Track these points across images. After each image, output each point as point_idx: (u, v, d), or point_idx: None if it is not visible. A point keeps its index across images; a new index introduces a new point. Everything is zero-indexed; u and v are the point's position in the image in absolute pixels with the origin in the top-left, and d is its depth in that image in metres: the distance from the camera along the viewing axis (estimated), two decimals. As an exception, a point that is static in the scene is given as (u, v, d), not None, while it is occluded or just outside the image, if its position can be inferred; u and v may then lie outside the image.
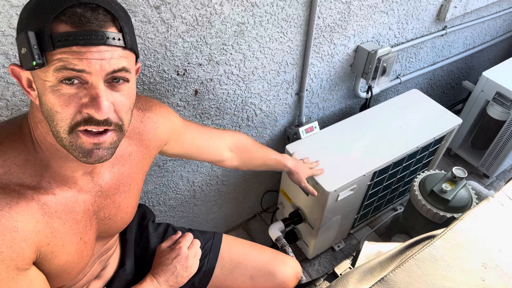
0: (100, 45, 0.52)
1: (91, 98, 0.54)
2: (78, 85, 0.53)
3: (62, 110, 0.53)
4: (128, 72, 0.57)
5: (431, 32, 1.77)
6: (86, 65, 0.52)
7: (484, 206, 0.86)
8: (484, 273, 0.73)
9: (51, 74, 0.52)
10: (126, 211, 0.78)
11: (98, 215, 0.72)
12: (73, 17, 0.50)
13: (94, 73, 0.52)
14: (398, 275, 0.71)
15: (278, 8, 1.14)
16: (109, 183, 0.72)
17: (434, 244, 0.77)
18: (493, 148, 1.91)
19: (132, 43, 0.58)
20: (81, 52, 0.51)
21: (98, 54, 0.52)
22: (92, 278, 0.84)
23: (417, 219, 1.50)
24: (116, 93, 0.57)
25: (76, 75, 0.52)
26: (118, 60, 0.55)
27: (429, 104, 1.66)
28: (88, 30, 0.51)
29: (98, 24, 0.52)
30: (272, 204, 1.93)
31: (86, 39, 0.51)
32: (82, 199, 0.67)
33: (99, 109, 0.53)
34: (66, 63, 0.51)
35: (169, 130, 0.85)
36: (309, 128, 1.47)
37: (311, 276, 1.67)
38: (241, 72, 1.22)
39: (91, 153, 0.57)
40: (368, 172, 1.37)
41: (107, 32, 0.53)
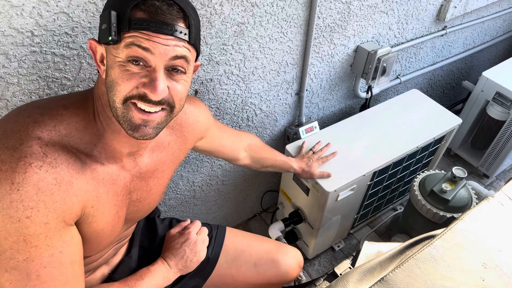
0: (168, 35, 0.59)
1: (150, 79, 0.60)
2: (142, 66, 0.60)
3: (123, 83, 0.60)
4: (187, 62, 0.63)
5: (431, 32, 1.77)
6: (151, 45, 0.58)
7: (484, 206, 0.86)
8: (484, 273, 0.73)
9: (121, 51, 0.59)
10: (154, 197, 0.83)
11: (131, 195, 0.77)
12: (151, 8, 0.58)
13: (157, 55, 0.58)
14: (398, 275, 0.71)
15: (278, 8, 1.14)
16: (147, 166, 0.77)
17: (434, 244, 0.77)
18: (493, 148, 1.91)
19: (196, 41, 0.64)
20: (150, 35, 0.58)
21: (164, 41, 0.59)
22: (104, 262, 0.87)
23: (417, 219, 1.50)
24: (173, 81, 0.63)
25: (141, 54, 0.58)
26: (181, 48, 0.61)
27: (429, 104, 1.66)
28: (161, 20, 0.58)
29: (170, 17, 0.59)
30: (272, 204, 1.93)
31: (157, 27, 0.58)
32: (123, 175, 0.73)
33: (155, 90, 0.59)
34: (135, 40, 0.58)
35: (206, 127, 0.92)
36: (309, 128, 1.47)
37: (311, 276, 1.67)
38: (241, 72, 1.22)
39: (138, 128, 0.63)
40: (368, 172, 1.37)
41: (176, 25, 0.59)
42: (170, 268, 0.88)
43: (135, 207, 0.79)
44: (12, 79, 0.83)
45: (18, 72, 0.83)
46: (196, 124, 0.87)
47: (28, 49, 0.81)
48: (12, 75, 0.83)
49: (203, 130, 0.91)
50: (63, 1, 0.79)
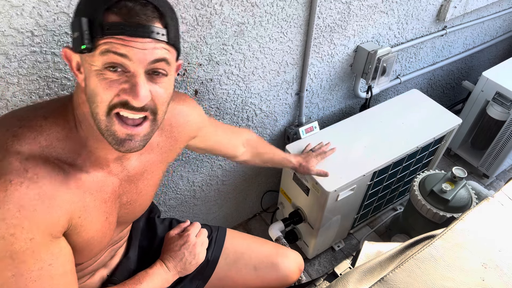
0: (145, 37, 0.56)
1: (131, 85, 0.57)
2: (121, 72, 0.57)
3: (103, 92, 0.57)
4: (168, 64, 0.60)
5: (431, 32, 1.77)
6: (129, 51, 0.55)
7: (484, 206, 0.86)
8: (484, 273, 0.73)
9: (97, 58, 0.56)
10: (145, 198, 0.81)
11: (121, 199, 0.75)
12: (123, 10, 0.55)
13: (135, 61, 0.56)
14: (398, 275, 0.71)
15: (278, 8, 1.15)
16: (135, 169, 0.75)
17: (434, 244, 0.77)
18: (493, 148, 1.91)
19: (175, 40, 0.61)
20: (126, 40, 0.55)
21: (141, 44, 0.56)
22: (101, 266, 0.86)
23: (417, 219, 1.50)
24: (154, 84, 0.60)
25: (119, 60, 0.55)
26: (160, 51, 0.58)
27: (429, 104, 1.66)
28: (136, 23, 0.55)
29: (146, 18, 0.56)
30: (272, 204, 1.93)
31: (133, 30, 0.55)
32: (111, 181, 0.71)
33: (137, 96, 0.57)
34: (110, 47, 0.55)
35: (199, 125, 0.90)
36: (309, 128, 1.47)
37: (311, 276, 1.68)
38: (241, 72, 1.22)
39: (123, 143, 0.61)
40: (368, 172, 1.37)
41: (152, 26, 0.56)
42: (168, 271, 0.88)
43: (126, 210, 0.78)
44: (12, 79, 0.83)
45: (18, 72, 0.83)
46: (186, 124, 0.85)
47: (28, 49, 0.81)
48: (12, 75, 0.83)
49: (195, 129, 0.89)
50: (63, 1, 0.79)
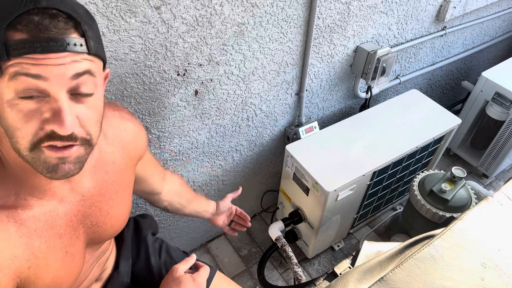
0: (60, 51, 0.47)
1: (53, 112, 0.49)
2: (39, 99, 0.48)
3: (22, 127, 0.49)
4: (92, 76, 0.52)
5: (430, 32, 1.77)
6: (42, 70, 0.47)
7: (483, 206, 0.86)
8: (483, 272, 0.73)
9: (7, 85, 0.47)
10: (116, 219, 0.75)
11: (85, 223, 0.68)
12: (29, 25, 0.46)
13: (52, 79, 0.47)
14: (398, 275, 0.71)
15: (278, 9, 1.15)
16: (91, 191, 0.68)
17: (434, 243, 0.77)
18: (492, 148, 1.91)
19: (97, 49, 0.53)
20: (38, 59, 0.46)
21: (56, 60, 0.47)
22: (92, 281, 0.83)
23: (417, 218, 1.50)
24: (81, 105, 0.52)
25: (33, 85, 0.47)
26: (80, 63, 0.50)
27: (428, 104, 1.66)
28: (46, 37, 0.46)
29: (57, 31, 0.47)
30: (272, 204, 1.93)
31: (44, 46, 0.46)
32: (63, 210, 0.63)
33: (63, 125, 0.49)
34: (19, 68, 0.46)
35: (145, 145, 0.84)
36: (309, 128, 1.48)
37: (311, 275, 1.68)
38: (241, 73, 1.23)
39: (56, 168, 0.53)
40: (368, 172, 1.37)
41: (68, 38, 0.48)
42: None
43: (95, 233, 0.71)
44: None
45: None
46: (137, 140, 0.78)
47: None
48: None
49: (143, 148, 0.82)
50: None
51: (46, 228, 0.60)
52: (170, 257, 1.03)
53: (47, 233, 0.60)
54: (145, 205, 1.37)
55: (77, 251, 0.67)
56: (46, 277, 0.60)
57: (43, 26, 0.46)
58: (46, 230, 0.60)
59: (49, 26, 0.46)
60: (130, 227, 1.00)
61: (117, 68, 0.97)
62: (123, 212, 0.77)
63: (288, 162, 1.47)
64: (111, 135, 0.73)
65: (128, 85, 1.02)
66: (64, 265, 0.63)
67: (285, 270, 1.69)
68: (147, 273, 0.98)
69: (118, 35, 0.91)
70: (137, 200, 1.33)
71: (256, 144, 1.53)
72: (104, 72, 0.58)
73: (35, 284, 0.59)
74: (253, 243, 1.79)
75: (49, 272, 0.61)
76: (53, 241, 0.61)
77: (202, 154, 1.37)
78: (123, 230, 0.97)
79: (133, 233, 1.01)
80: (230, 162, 1.51)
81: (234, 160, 1.51)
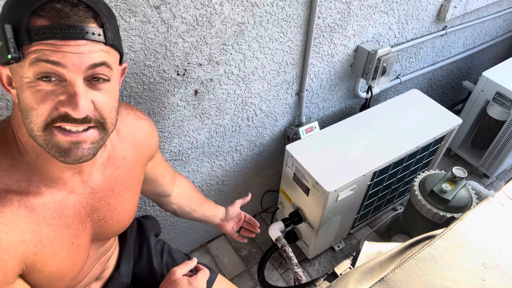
0: (79, 39, 0.50)
1: (69, 96, 0.51)
2: (56, 82, 0.51)
3: (38, 106, 0.51)
4: (109, 68, 0.54)
5: (431, 32, 1.77)
6: (61, 58, 0.49)
7: (484, 206, 0.86)
8: (484, 273, 0.73)
9: (27, 69, 0.50)
10: (123, 215, 0.76)
11: (92, 217, 0.70)
12: (51, 12, 0.49)
13: (70, 67, 0.50)
14: (398, 275, 0.71)
15: (278, 8, 1.14)
16: (101, 184, 0.70)
17: (434, 244, 0.77)
18: (493, 148, 1.91)
19: (115, 40, 0.55)
20: (57, 45, 0.49)
21: (75, 48, 0.50)
22: (93, 279, 0.83)
23: (417, 219, 1.50)
24: (96, 91, 0.54)
25: (52, 69, 0.50)
26: (98, 54, 0.52)
27: (429, 104, 1.66)
28: (67, 24, 0.49)
29: (77, 19, 0.50)
30: (272, 204, 1.93)
31: (63, 32, 0.49)
32: (73, 201, 0.65)
33: (77, 108, 0.51)
34: (40, 55, 0.49)
35: (157, 145, 0.85)
36: (309, 128, 1.47)
37: (311, 276, 1.67)
38: (241, 72, 1.22)
39: (69, 152, 0.55)
40: (368, 172, 1.37)
41: (86, 27, 0.51)
42: None
43: (101, 227, 0.73)
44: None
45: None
46: (150, 139, 0.81)
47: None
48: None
49: (155, 148, 0.84)
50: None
51: (55, 216, 0.61)
52: (172, 259, 1.03)
53: (55, 222, 0.61)
54: (145, 205, 1.37)
55: (82, 244, 0.68)
56: (51, 265, 0.61)
57: (64, 13, 0.49)
58: (55, 219, 0.61)
59: (69, 13, 0.49)
60: (133, 227, 1.00)
61: (117, 68, 0.96)
62: (130, 209, 0.78)
63: (288, 162, 1.46)
64: (124, 133, 0.75)
65: (127, 85, 1.01)
66: (69, 255, 0.65)
67: (285, 270, 1.69)
68: (149, 275, 0.99)
69: (118, 34, 0.91)
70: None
71: (256, 144, 1.53)
72: (121, 66, 0.61)
73: (40, 271, 0.60)
74: (253, 244, 1.79)
75: (55, 261, 0.62)
76: (60, 230, 0.62)
77: (202, 154, 1.37)
78: (126, 230, 0.97)
79: (136, 234, 1.01)
80: (230, 162, 1.50)
81: (234, 160, 1.51)
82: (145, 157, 0.81)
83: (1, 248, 0.53)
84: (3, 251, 0.53)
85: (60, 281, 0.66)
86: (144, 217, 1.07)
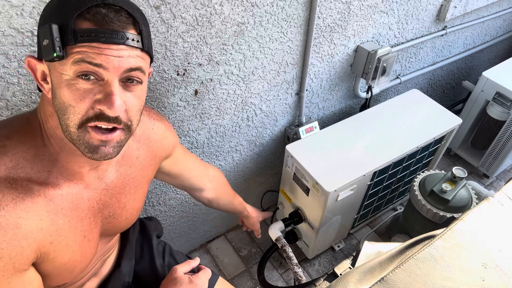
0: (120, 44, 0.54)
1: (105, 95, 0.55)
2: (94, 81, 0.55)
3: (76, 104, 0.55)
4: (143, 73, 0.59)
5: (431, 32, 1.77)
6: (104, 60, 0.53)
7: (484, 206, 0.86)
8: (484, 273, 0.73)
9: (69, 68, 0.53)
10: (131, 213, 0.79)
11: (103, 213, 0.72)
12: (97, 16, 0.52)
13: (111, 69, 0.54)
14: (398, 275, 0.71)
15: (278, 8, 1.14)
16: (114, 182, 0.73)
17: (434, 244, 0.77)
18: (493, 148, 1.91)
19: (149, 47, 0.60)
20: (101, 48, 0.53)
21: (117, 52, 0.54)
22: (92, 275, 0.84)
23: (417, 219, 1.50)
24: (129, 93, 0.58)
25: (93, 70, 0.53)
26: (135, 59, 0.56)
27: (429, 104, 1.66)
28: (110, 29, 0.53)
29: (120, 25, 0.54)
30: (272, 204, 1.93)
31: (107, 37, 0.53)
32: (87, 196, 0.67)
33: (112, 106, 0.55)
34: (85, 56, 0.52)
35: (173, 144, 0.88)
36: (309, 128, 1.47)
37: (311, 276, 1.67)
38: (241, 72, 1.22)
39: (97, 149, 0.58)
40: (368, 172, 1.37)
41: (127, 33, 0.55)
42: None
43: (110, 224, 0.75)
44: (12, 79, 0.83)
45: (18, 72, 0.83)
46: (164, 139, 0.83)
47: (28, 49, 0.81)
48: (12, 75, 0.83)
49: (171, 147, 0.87)
50: (63, 1, 0.79)
51: (71, 208, 0.64)
52: (174, 259, 1.04)
53: (71, 213, 0.64)
54: (145, 205, 1.37)
55: (93, 238, 0.71)
56: (64, 256, 0.64)
57: (108, 18, 0.53)
58: (71, 210, 0.64)
59: (113, 19, 0.53)
60: (136, 227, 1.01)
61: (117, 68, 0.96)
62: (137, 206, 0.80)
63: (288, 162, 1.46)
64: (139, 132, 0.78)
65: (127, 85, 1.01)
66: (80, 248, 0.67)
67: (285, 270, 1.69)
68: (152, 275, 0.99)
69: (118, 34, 0.91)
70: (137, 200, 1.33)
71: (256, 144, 1.53)
72: (150, 70, 0.64)
73: (53, 261, 0.62)
74: (253, 244, 1.79)
75: (67, 252, 0.64)
76: (75, 222, 0.65)
77: (202, 154, 1.37)
78: (129, 229, 0.99)
79: (138, 234, 1.02)
80: (230, 162, 1.50)
81: (234, 160, 1.51)
82: (159, 158, 0.84)
83: (21, 234, 0.55)
84: (22, 237, 0.56)
85: (70, 273, 0.68)
86: (147, 218, 1.08)
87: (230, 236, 1.82)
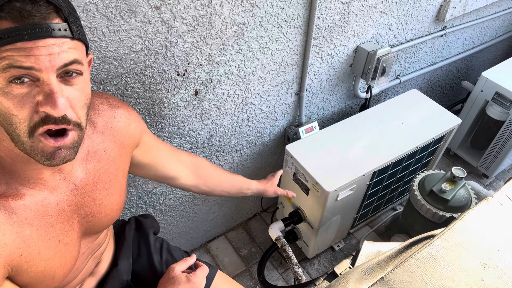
0: (46, 37, 0.49)
1: (45, 95, 0.51)
2: (29, 83, 0.50)
3: (18, 112, 0.51)
4: (80, 64, 0.54)
5: (430, 32, 1.77)
6: (34, 62, 0.48)
7: (483, 206, 0.86)
8: (483, 272, 0.73)
9: None
10: (110, 208, 0.76)
11: (79, 213, 0.69)
12: (13, 12, 0.47)
13: (44, 69, 0.49)
14: (398, 275, 0.71)
15: (278, 9, 1.15)
16: (83, 180, 0.69)
17: (434, 243, 0.77)
18: (492, 148, 1.91)
19: (80, 33, 0.55)
20: (27, 48, 0.48)
21: (45, 49, 0.49)
22: (87, 275, 0.83)
23: (417, 218, 1.50)
24: (69, 87, 0.54)
25: (24, 73, 0.49)
26: (67, 53, 0.52)
27: (428, 104, 1.66)
28: (31, 23, 0.48)
29: (41, 16, 0.49)
30: (272, 204, 1.93)
31: (30, 33, 0.48)
32: (55, 200, 0.64)
33: (55, 106, 0.51)
34: (12, 61, 0.48)
35: (140, 130, 0.83)
36: (309, 128, 1.48)
37: (311, 275, 1.68)
38: (241, 72, 1.23)
39: (53, 155, 0.55)
40: (368, 172, 1.37)
41: (51, 23, 0.49)
42: None
43: (89, 223, 0.72)
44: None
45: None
46: (129, 126, 0.78)
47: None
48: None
49: (138, 134, 0.82)
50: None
51: (37, 217, 0.61)
52: (172, 256, 1.03)
53: (38, 222, 0.61)
54: (145, 205, 1.37)
55: (71, 241, 0.67)
56: (38, 265, 0.61)
57: (26, 12, 0.47)
58: (37, 219, 0.61)
59: (31, 11, 0.48)
60: (132, 226, 1.00)
61: (117, 68, 0.97)
62: (117, 201, 0.77)
63: (288, 162, 1.47)
64: (100, 123, 0.73)
65: (128, 85, 1.02)
66: (57, 254, 0.64)
67: (285, 270, 1.69)
68: (150, 272, 0.99)
69: (118, 35, 0.91)
70: (137, 200, 1.33)
71: (256, 144, 1.53)
72: (88, 57, 0.60)
73: (27, 272, 0.60)
74: (253, 243, 1.80)
75: (42, 260, 0.62)
76: (44, 229, 0.62)
77: (202, 154, 1.37)
78: (125, 228, 0.97)
79: (135, 232, 1.01)
80: (230, 162, 1.51)
81: (234, 160, 1.51)
82: (127, 146, 0.79)
83: None
84: None
85: (51, 280, 0.65)
86: (143, 216, 1.07)
87: (230, 235, 1.83)
